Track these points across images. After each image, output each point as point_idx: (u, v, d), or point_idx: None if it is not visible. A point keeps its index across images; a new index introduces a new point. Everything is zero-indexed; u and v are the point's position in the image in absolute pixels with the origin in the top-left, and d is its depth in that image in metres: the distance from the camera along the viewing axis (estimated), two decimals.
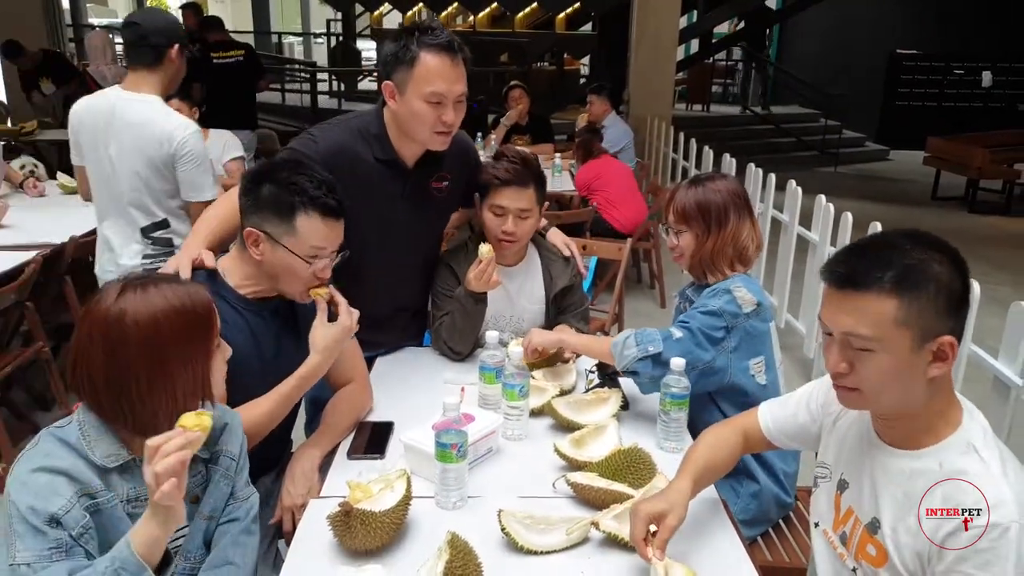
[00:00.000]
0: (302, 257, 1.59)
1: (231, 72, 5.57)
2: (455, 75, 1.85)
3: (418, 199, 2.05)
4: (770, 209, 4.10)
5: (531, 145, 5.70)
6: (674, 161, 6.34)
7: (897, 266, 1.07)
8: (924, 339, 1.07)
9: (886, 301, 1.06)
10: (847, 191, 8.15)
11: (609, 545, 1.37)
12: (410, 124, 1.90)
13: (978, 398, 2.57)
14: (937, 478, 1.11)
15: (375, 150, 1.96)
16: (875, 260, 1.09)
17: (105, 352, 1.15)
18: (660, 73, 7.56)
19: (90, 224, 3.34)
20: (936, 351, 1.08)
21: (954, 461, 1.11)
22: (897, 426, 1.19)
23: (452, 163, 2.07)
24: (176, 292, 1.20)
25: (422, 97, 1.83)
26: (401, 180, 2.01)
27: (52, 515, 1.10)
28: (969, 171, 7.98)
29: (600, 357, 1.88)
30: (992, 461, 1.09)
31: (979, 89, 11.34)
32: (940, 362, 1.09)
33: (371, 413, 1.85)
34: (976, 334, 2.43)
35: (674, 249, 1.91)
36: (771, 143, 10.38)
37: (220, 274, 1.66)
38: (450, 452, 1.43)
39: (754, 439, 1.50)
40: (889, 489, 1.18)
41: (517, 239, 2.10)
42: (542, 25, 13.22)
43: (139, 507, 1.21)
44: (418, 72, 1.82)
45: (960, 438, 1.13)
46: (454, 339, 2.11)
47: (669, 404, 1.69)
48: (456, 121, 1.90)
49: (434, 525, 1.41)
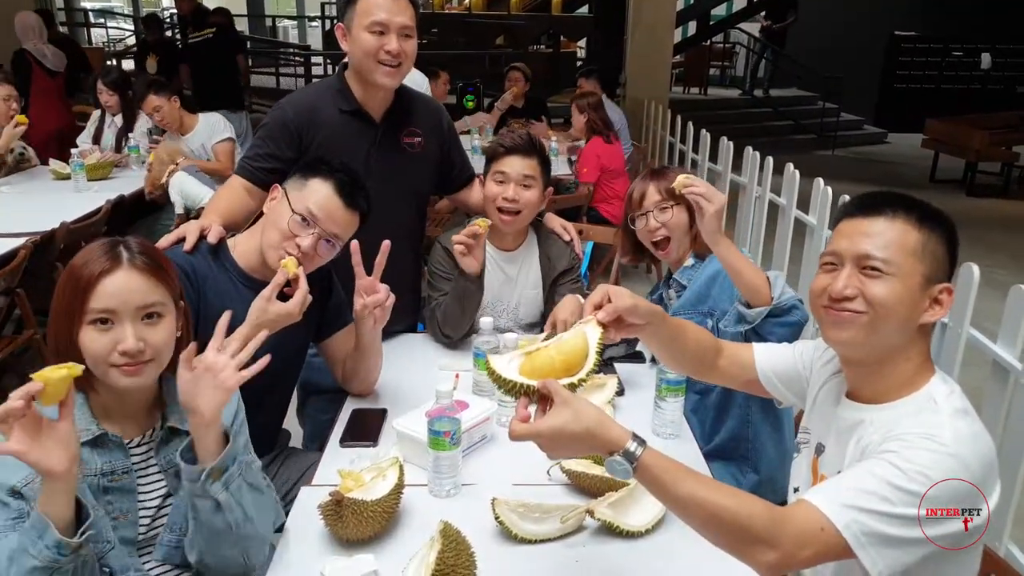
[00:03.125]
0: (294, 210, 1.60)
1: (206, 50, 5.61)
2: (396, 6, 1.92)
3: (389, 151, 2.07)
4: (767, 192, 4.07)
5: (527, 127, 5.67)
6: (671, 144, 6.30)
7: (921, 207, 1.15)
8: (930, 280, 1.12)
9: (911, 232, 1.13)
10: (845, 174, 8.12)
11: (604, 533, 1.36)
12: (360, 62, 1.96)
13: (977, 382, 2.57)
14: (893, 428, 1.09)
15: (339, 103, 2.01)
16: (900, 199, 1.17)
17: None
18: (657, 56, 7.50)
19: (81, 210, 3.32)
20: (936, 297, 1.13)
21: (916, 413, 1.11)
22: (870, 380, 1.18)
23: (422, 120, 2.12)
24: (86, 253, 1.19)
25: (365, 28, 1.91)
26: (371, 132, 2.04)
27: (12, 487, 1.11)
28: (968, 153, 7.94)
29: (753, 281, 1.67)
30: (946, 409, 1.09)
31: (978, 71, 11.27)
32: (937, 306, 1.13)
33: (364, 400, 1.83)
34: (974, 317, 2.41)
35: (659, 230, 1.89)
36: (769, 126, 10.33)
37: (228, 248, 1.68)
38: (443, 440, 1.41)
39: (737, 363, 1.40)
40: (851, 443, 1.17)
41: (519, 208, 2.07)
42: (538, 7, 13.10)
43: (115, 480, 1.21)
44: (360, 6, 1.93)
45: (924, 393, 1.14)
46: (447, 323, 2.09)
47: (665, 390, 1.67)
48: (401, 51, 1.94)
49: (427, 513, 1.40)
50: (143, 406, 1.27)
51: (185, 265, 1.58)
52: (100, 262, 1.17)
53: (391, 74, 1.95)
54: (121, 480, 1.23)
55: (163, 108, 3.99)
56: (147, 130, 4.49)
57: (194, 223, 1.73)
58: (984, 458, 1.05)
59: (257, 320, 1.51)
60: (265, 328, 1.48)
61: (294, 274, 1.56)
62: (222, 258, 1.67)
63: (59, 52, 5.24)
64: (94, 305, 1.16)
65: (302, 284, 1.56)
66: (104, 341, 1.17)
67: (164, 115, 4.02)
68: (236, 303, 1.58)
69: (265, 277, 1.63)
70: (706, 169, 5.24)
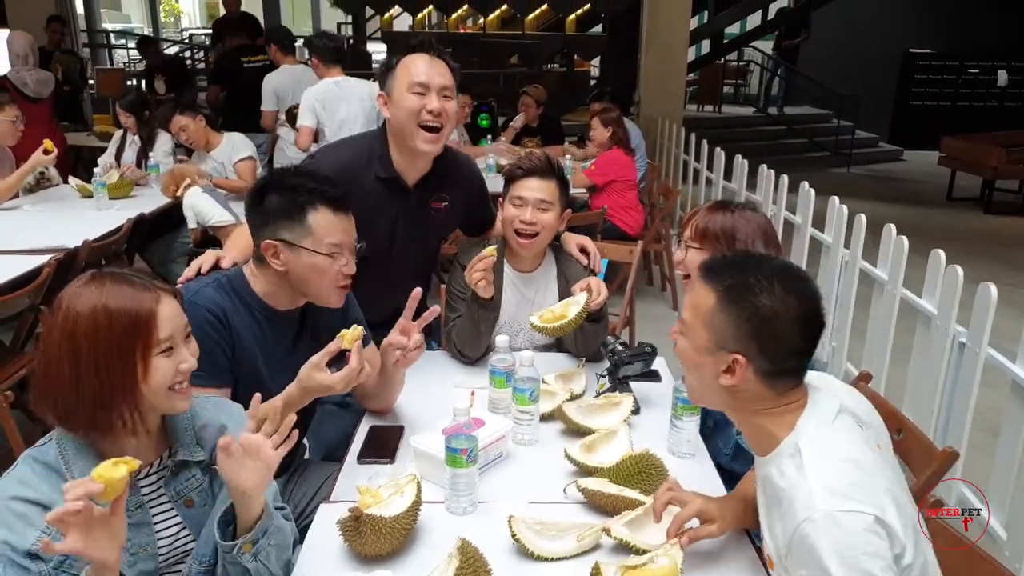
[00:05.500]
0: (324, 254, 1.59)
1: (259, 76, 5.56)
2: (435, 68, 1.98)
3: (416, 216, 2.12)
4: (782, 211, 4.07)
5: (541, 147, 5.70)
6: (685, 162, 6.31)
7: (733, 277, 1.17)
8: (719, 346, 1.16)
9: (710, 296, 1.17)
10: (861, 192, 8.09)
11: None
12: (403, 126, 1.98)
13: (996, 403, 2.54)
14: (778, 492, 1.15)
15: (377, 169, 2.05)
16: (732, 264, 1.20)
17: (43, 337, 1.17)
18: (671, 74, 7.54)
19: (102, 228, 3.37)
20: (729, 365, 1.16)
21: (785, 469, 1.14)
22: (747, 434, 1.26)
23: (455, 184, 2.16)
24: (117, 291, 1.16)
25: (407, 89, 1.96)
26: (402, 198, 2.08)
27: (28, 551, 1.11)
28: (985, 171, 7.88)
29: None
30: (808, 459, 1.11)
31: (994, 88, 11.21)
32: (728, 375, 1.16)
33: (381, 417, 1.84)
34: (993, 337, 2.40)
35: (680, 264, 1.87)
36: (783, 144, 10.31)
37: (248, 281, 1.65)
38: (460, 457, 1.42)
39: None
40: (761, 499, 1.24)
41: (536, 231, 2.08)
42: (552, 27, 13.20)
43: (129, 518, 1.20)
44: (400, 71, 1.98)
45: (790, 441, 1.16)
46: (464, 344, 2.10)
47: (681, 409, 1.67)
48: (443, 111, 1.97)
49: (444, 530, 1.40)
50: (151, 437, 1.27)
51: (215, 308, 1.57)
52: (147, 296, 1.18)
53: (433, 140, 1.99)
54: (136, 515, 1.24)
55: (189, 127, 4.09)
56: (171, 148, 4.59)
57: (211, 253, 1.77)
58: (855, 482, 1.08)
59: (302, 384, 1.53)
60: (307, 393, 1.53)
61: (348, 347, 1.53)
62: (242, 292, 1.64)
63: (45, 77, 5.16)
64: (162, 335, 1.18)
65: (353, 361, 1.54)
66: (170, 368, 1.20)
67: (190, 134, 4.12)
68: (260, 336, 1.62)
69: (287, 307, 1.66)
70: (720, 187, 5.25)
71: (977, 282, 2.43)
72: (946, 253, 2.61)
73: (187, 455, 1.29)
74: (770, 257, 1.25)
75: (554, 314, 1.94)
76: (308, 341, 1.71)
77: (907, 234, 2.88)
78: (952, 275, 2.53)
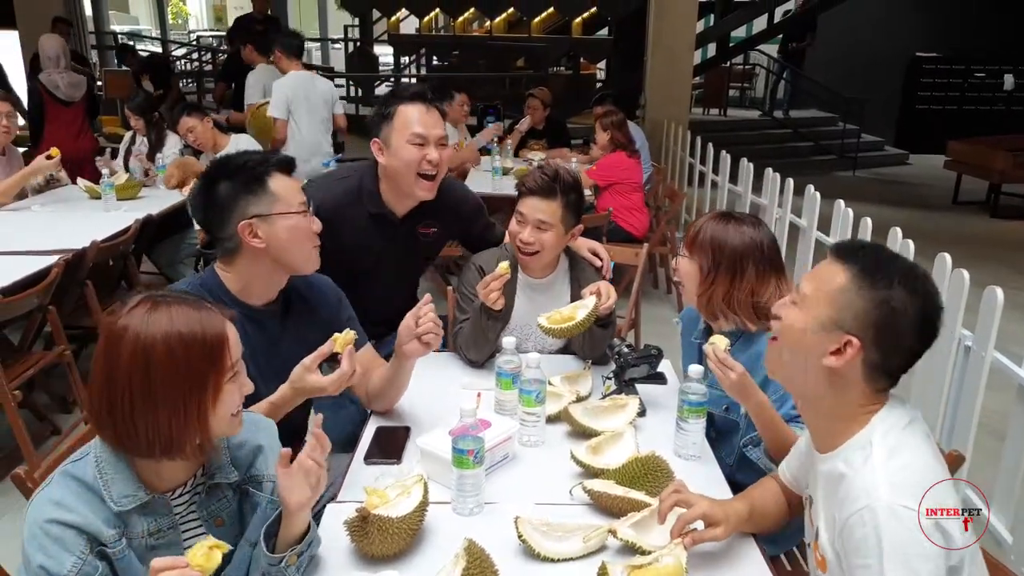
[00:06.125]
0: (298, 212, 1.63)
1: None
2: (431, 119, 2.08)
3: (405, 242, 2.23)
4: (788, 214, 4.07)
5: (547, 150, 5.71)
6: (691, 166, 6.31)
7: (867, 261, 1.16)
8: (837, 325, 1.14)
9: (839, 274, 1.16)
10: (866, 196, 8.07)
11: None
12: (399, 173, 2.08)
13: (1001, 407, 2.53)
14: (840, 479, 1.15)
15: (368, 205, 2.15)
16: (866, 249, 1.20)
17: (102, 365, 1.12)
18: (677, 78, 7.53)
19: (110, 229, 3.39)
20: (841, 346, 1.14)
21: (852, 459, 1.15)
22: (815, 429, 1.25)
23: (443, 214, 2.24)
24: (186, 316, 1.13)
25: (407, 140, 2.05)
26: (391, 228, 2.18)
27: None
28: (991, 175, 7.87)
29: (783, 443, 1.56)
30: (878, 451, 1.12)
31: (1000, 92, 11.20)
32: (835, 356, 1.14)
33: (388, 418, 1.85)
34: (999, 340, 2.39)
35: (675, 271, 1.87)
36: (789, 147, 10.31)
37: (221, 279, 1.66)
38: (467, 458, 1.43)
39: (786, 490, 1.47)
40: (819, 495, 1.23)
41: (534, 250, 2.08)
42: (558, 30, 13.24)
43: (162, 538, 1.20)
44: (398, 122, 2.06)
45: (863, 436, 1.16)
46: (469, 347, 2.11)
47: (687, 412, 1.68)
48: (439, 160, 2.06)
49: (451, 531, 1.41)
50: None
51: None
52: (216, 319, 1.16)
53: (430, 188, 2.11)
54: (167, 536, 1.22)
55: (196, 128, 4.12)
56: (179, 150, 4.62)
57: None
58: (923, 483, 1.08)
59: (294, 385, 1.58)
60: (300, 394, 1.58)
61: (340, 351, 1.57)
62: (218, 293, 1.64)
63: (77, 80, 5.19)
64: (234, 359, 1.18)
65: (344, 364, 1.57)
66: (236, 393, 1.20)
67: (198, 136, 4.15)
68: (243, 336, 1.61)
69: (264, 299, 1.69)
70: (726, 191, 5.25)
71: (983, 286, 2.43)
72: (952, 257, 2.61)
73: (222, 477, 1.28)
74: (898, 254, 1.23)
75: (563, 316, 1.95)
76: (292, 334, 1.73)
77: (913, 238, 2.88)
78: (958, 279, 2.53)
